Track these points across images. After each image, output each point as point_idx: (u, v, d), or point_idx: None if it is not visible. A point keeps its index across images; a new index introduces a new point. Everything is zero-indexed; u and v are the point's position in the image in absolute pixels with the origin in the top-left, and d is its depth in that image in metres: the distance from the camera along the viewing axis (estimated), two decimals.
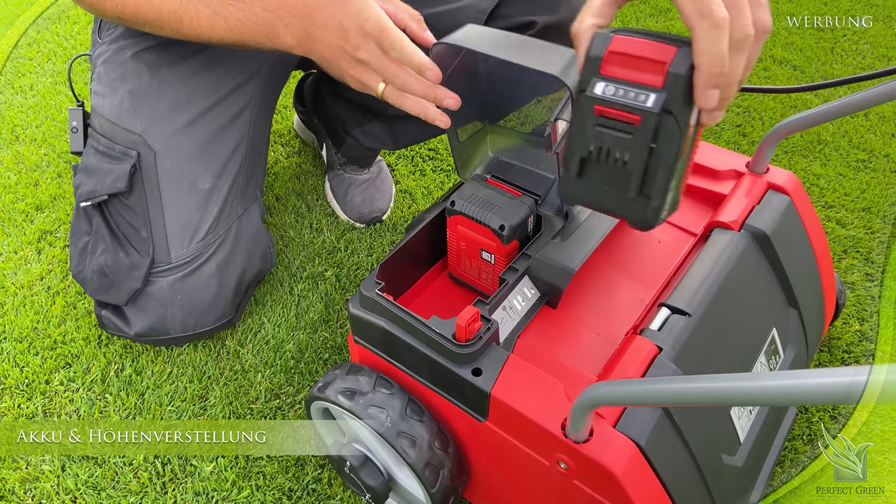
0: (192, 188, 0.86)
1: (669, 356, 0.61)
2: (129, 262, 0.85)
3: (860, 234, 1.10)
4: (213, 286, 0.86)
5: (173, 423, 0.88)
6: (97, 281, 0.87)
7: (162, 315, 0.85)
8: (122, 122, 0.86)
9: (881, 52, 1.53)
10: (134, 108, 0.86)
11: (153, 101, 0.86)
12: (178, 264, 0.85)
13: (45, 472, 0.83)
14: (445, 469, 0.67)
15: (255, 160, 0.94)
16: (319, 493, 0.81)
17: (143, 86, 0.86)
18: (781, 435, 0.78)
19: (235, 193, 0.90)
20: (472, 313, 0.60)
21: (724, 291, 0.67)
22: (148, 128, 0.85)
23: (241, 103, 0.90)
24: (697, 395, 0.41)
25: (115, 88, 0.87)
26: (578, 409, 0.52)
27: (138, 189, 0.85)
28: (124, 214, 0.86)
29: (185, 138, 0.86)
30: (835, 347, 0.94)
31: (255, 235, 0.92)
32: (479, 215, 0.70)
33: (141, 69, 0.86)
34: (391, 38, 0.66)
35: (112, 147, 0.86)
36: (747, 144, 1.29)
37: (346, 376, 0.70)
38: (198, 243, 0.86)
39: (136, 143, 0.85)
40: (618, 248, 0.75)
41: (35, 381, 0.92)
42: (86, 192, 0.86)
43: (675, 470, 0.59)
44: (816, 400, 0.34)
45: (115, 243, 0.86)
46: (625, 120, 0.47)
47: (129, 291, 0.85)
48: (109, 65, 0.89)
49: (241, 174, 0.90)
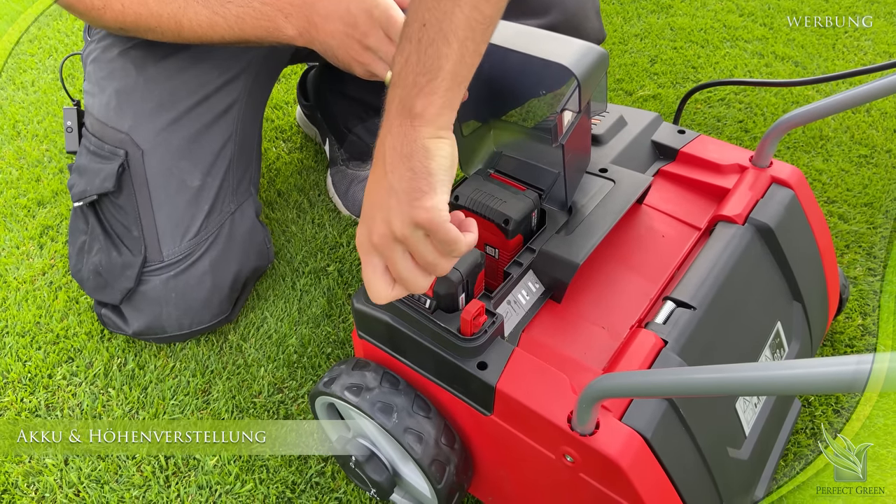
0: (182, 186, 0.86)
1: (675, 349, 0.61)
2: (121, 261, 0.85)
3: (862, 230, 1.10)
4: (207, 284, 0.86)
5: (176, 417, 0.88)
6: (93, 280, 0.87)
7: (157, 314, 0.85)
8: (110, 121, 0.85)
9: (882, 48, 1.53)
10: (121, 107, 0.85)
11: (139, 99, 0.85)
12: (171, 262, 0.85)
13: (49, 465, 0.83)
14: (452, 465, 0.67)
15: (245, 157, 0.93)
16: (323, 486, 0.81)
17: (130, 84, 0.86)
18: (786, 429, 0.78)
19: (227, 190, 0.89)
20: (478, 307, 0.60)
21: (729, 285, 0.67)
22: (135, 126, 0.85)
23: (228, 100, 0.90)
24: (704, 385, 0.41)
25: (104, 87, 0.87)
26: (585, 401, 0.52)
27: (127, 188, 0.84)
28: (115, 214, 0.86)
29: (172, 136, 0.85)
30: (838, 342, 0.94)
31: (249, 232, 0.91)
32: (483, 210, 0.70)
33: (127, 67, 0.86)
34: (398, 27, 0.66)
35: (101, 147, 0.85)
36: (749, 140, 1.29)
37: (352, 371, 0.70)
38: (189, 241, 0.85)
39: (123, 141, 0.84)
40: (622, 243, 0.75)
41: (38, 376, 0.92)
42: (78, 193, 0.86)
43: (682, 462, 0.59)
44: (822, 388, 0.34)
45: (108, 243, 0.86)
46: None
47: (122, 291, 0.85)
48: (98, 63, 0.88)
49: (231, 171, 0.90)
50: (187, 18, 0.74)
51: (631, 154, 0.82)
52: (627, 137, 0.83)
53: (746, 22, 1.60)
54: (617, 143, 0.82)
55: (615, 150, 0.81)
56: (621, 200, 0.73)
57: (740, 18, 1.61)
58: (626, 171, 0.76)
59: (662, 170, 0.82)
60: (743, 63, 1.48)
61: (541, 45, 0.58)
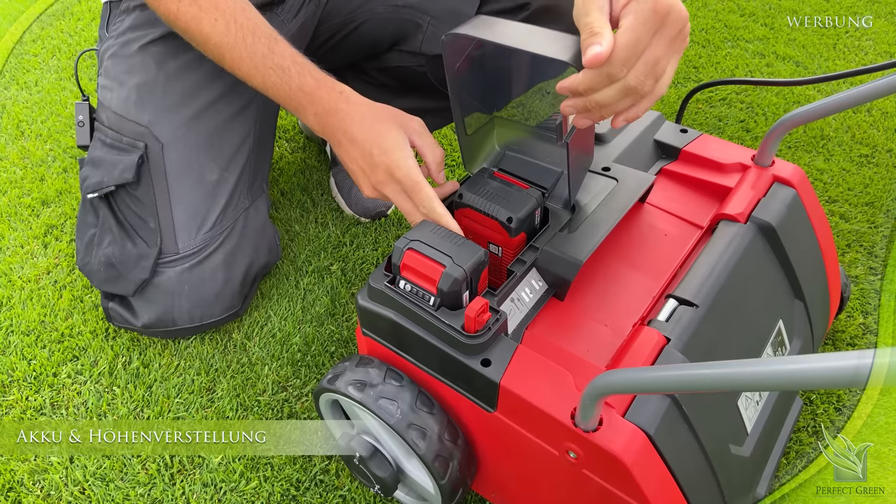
0: (200, 179, 0.87)
1: (677, 346, 0.61)
2: (136, 252, 0.85)
3: (863, 229, 1.11)
4: (220, 277, 0.87)
5: (181, 416, 0.88)
6: (104, 272, 0.87)
7: (169, 306, 0.86)
8: (130, 115, 0.86)
9: (883, 48, 1.54)
10: (141, 101, 0.86)
11: (160, 93, 0.86)
12: (186, 255, 0.85)
13: (54, 463, 0.83)
14: (455, 461, 0.67)
15: (262, 153, 0.94)
16: (327, 484, 0.82)
17: (150, 79, 0.87)
18: (787, 426, 0.78)
19: (243, 186, 0.90)
20: (482, 304, 0.61)
21: (731, 283, 0.67)
22: (155, 120, 0.86)
23: (247, 96, 0.91)
24: (707, 380, 0.41)
25: (123, 82, 0.88)
26: (588, 397, 0.52)
27: (146, 180, 0.85)
28: (132, 205, 0.86)
29: (192, 130, 0.86)
30: (839, 340, 0.95)
31: (261, 228, 0.92)
32: (486, 208, 0.70)
33: (148, 62, 0.87)
34: (421, 195, 0.68)
35: (119, 139, 0.86)
36: (751, 139, 1.29)
37: (355, 368, 0.70)
38: (205, 234, 0.86)
39: (143, 134, 0.85)
40: (625, 241, 0.75)
41: (43, 374, 0.92)
42: (93, 184, 0.86)
43: (684, 459, 0.59)
44: (824, 384, 0.35)
45: (122, 234, 0.87)
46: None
47: (136, 282, 0.85)
48: (116, 59, 0.89)
49: (248, 167, 0.91)
50: (230, 58, 0.76)
51: (633, 153, 0.82)
52: (630, 136, 0.83)
53: (747, 22, 1.61)
54: (619, 141, 0.82)
55: (618, 149, 0.81)
56: (624, 199, 0.73)
57: (741, 18, 1.62)
58: (629, 170, 0.77)
59: (665, 169, 0.82)
60: (744, 63, 1.49)
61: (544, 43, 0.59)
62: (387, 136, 0.70)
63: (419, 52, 0.94)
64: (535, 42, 0.59)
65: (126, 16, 0.90)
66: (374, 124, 0.71)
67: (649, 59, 0.53)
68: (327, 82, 0.74)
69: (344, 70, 1.09)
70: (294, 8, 0.92)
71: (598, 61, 0.52)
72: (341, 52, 1.00)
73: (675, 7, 0.53)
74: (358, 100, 0.73)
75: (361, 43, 0.98)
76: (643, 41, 0.53)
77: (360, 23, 0.95)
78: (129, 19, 0.89)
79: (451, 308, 0.63)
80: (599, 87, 0.55)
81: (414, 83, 1.00)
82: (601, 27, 0.53)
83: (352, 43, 0.98)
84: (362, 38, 0.97)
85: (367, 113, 0.72)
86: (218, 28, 0.74)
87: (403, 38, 0.95)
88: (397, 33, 0.95)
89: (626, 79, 0.54)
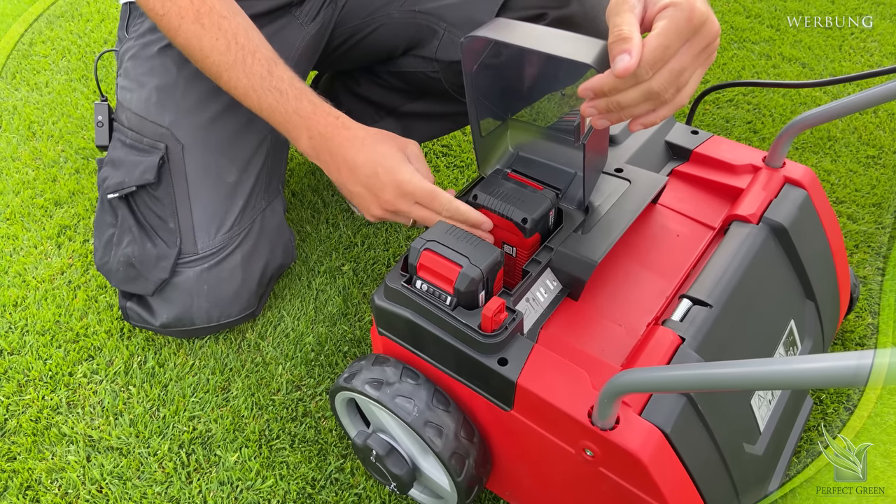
0: (219, 181, 0.88)
1: (692, 346, 0.62)
2: (156, 252, 0.86)
3: (871, 230, 1.11)
4: (237, 277, 0.88)
5: (197, 415, 0.89)
6: (123, 272, 0.88)
7: (188, 305, 0.87)
8: (150, 116, 0.87)
9: (889, 49, 1.54)
10: (161, 103, 0.87)
11: (180, 95, 0.87)
12: (205, 255, 0.86)
13: (71, 462, 0.84)
14: (471, 458, 0.68)
15: (278, 155, 0.95)
16: (342, 482, 0.83)
17: (171, 80, 0.87)
18: (799, 425, 0.79)
19: (260, 187, 0.91)
20: (498, 304, 0.61)
21: (744, 283, 0.68)
22: (175, 121, 0.87)
23: None
24: (720, 379, 0.42)
25: (143, 83, 0.88)
26: (606, 396, 0.53)
27: (166, 181, 0.86)
28: (152, 206, 0.87)
29: (212, 132, 0.87)
30: (848, 340, 0.95)
31: (277, 229, 0.93)
32: (501, 209, 0.71)
33: (167, 64, 0.88)
34: (441, 200, 0.70)
35: (140, 140, 0.87)
36: (758, 141, 1.30)
37: (372, 367, 0.71)
38: (224, 235, 0.87)
39: (163, 136, 0.86)
40: (638, 242, 0.76)
41: (58, 374, 0.93)
42: (113, 184, 0.87)
43: (700, 457, 0.60)
44: (826, 382, 0.36)
45: (142, 234, 0.88)
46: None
47: (156, 282, 0.86)
48: (136, 60, 0.90)
49: (265, 168, 0.92)
50: (227, 77, 0.77)
51: (645, 154, 0.83)
52: (642, 138, 0.84)
53: (753, 23, 1.62)
54: (631, 143, 0.83)
55: (630, 151, 0.82)
56: (637, 200, 0.74)
57: (747, 20, 1.63)
58: (642, 171, 0.77)
59: (676, 170, 0.83)
60: (750, 64, 1.49)
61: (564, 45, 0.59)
62: (390, 156, 0.72)
63: (434, 58, 0.94)
64: (556, 44, 0.59)
65: (146, 17, 0.91)
66: (374, 146, 0.72)
67: (675, 67, 0.54)
68: (324, 108, 0.75)
69: (357, 72, 1.09)
70: (312, 11, 0.93)
71: (626, 73, 0.52)
72: (356, 55, 1.01)
73: (710, 20, 0.54)
74: (355, 125, 0.75)
75: (377, 47, 0.99)
76: (673, 48, 0.53)
77: (377, 27, 0.96)
78: (149, 21, 0.90)
79: (468, 308, 0.64)
80: (624, 88, 0.56)
81: (426, 88, 1.01)
82: (630, 31, 0.53)
83: (367, 46, 0.99)
84: (378, 42, 0.98)
85: (365, 137, 0.73)
86: (218, 47, 0.75)
87: (419, 44, 0.95)
88: (413, 38, 0.95)
89: (650, 82, 0.55)
